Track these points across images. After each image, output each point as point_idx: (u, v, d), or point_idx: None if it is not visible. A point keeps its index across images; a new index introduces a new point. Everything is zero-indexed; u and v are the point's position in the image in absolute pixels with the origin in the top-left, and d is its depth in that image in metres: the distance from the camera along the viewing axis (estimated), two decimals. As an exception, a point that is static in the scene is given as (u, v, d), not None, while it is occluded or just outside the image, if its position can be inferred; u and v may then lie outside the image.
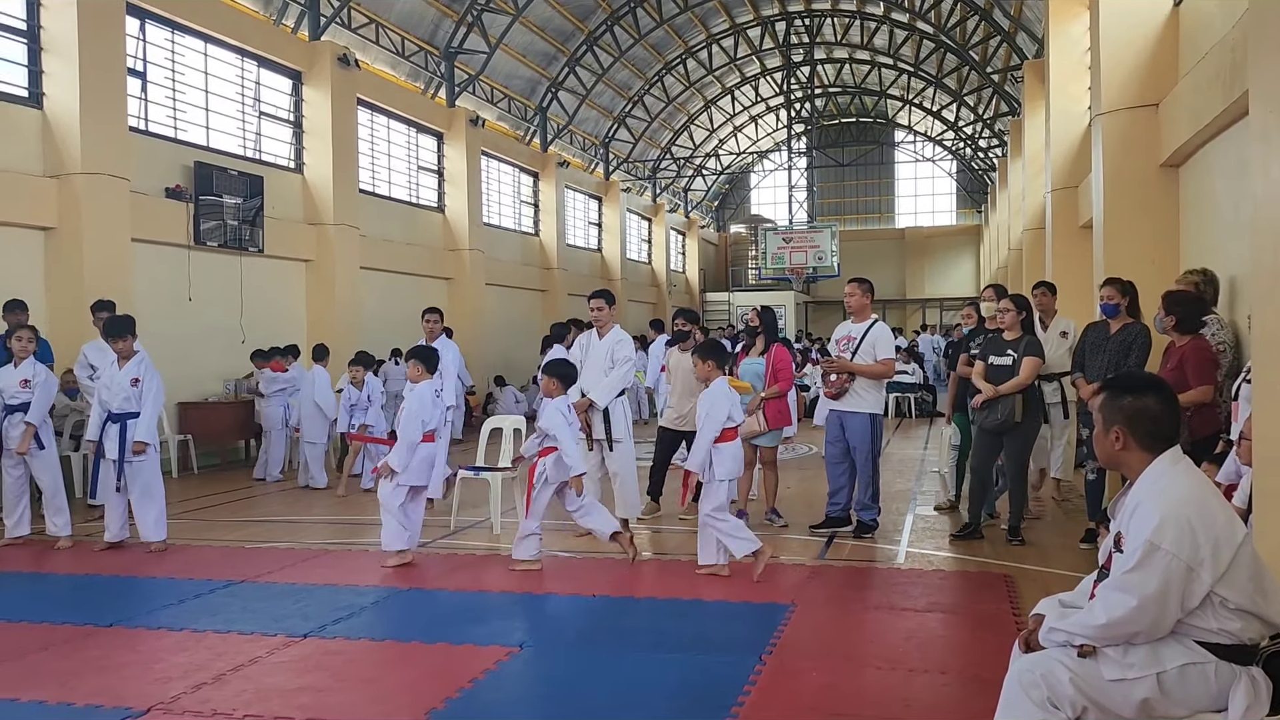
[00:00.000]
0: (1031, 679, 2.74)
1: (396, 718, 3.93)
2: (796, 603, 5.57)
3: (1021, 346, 6.93)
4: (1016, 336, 7.00)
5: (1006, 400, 6.82)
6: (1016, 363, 6.88)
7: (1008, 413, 6.82)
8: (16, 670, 4.64)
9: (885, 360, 7.32)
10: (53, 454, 7.78)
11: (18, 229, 10.41)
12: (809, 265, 28.94)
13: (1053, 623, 2.82)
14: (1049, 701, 2.71)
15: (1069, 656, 2.75)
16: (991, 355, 7.07)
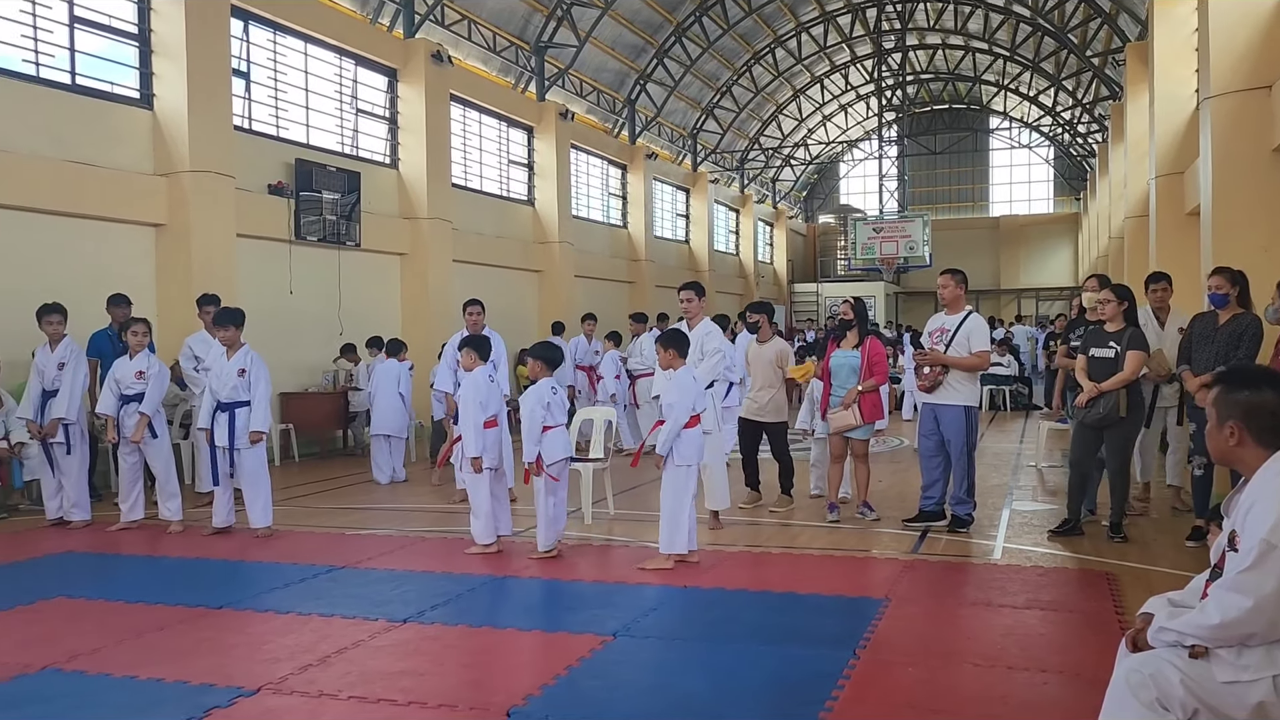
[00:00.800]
0: (1140, 679, 2.68)
1: (494, 703, 4.00)
2: (890, 597, 5.52)
3: (1125, 339, 6.72)
4: (1119, 328, 6.80)
5: (1110, 395, 6.64)
6: (1120, 355, 6.68)
7: (1110, 407, 6.63)
8: (135, 649, 4.85)
9: (980, 353, 7.20)
10: (165, 442, 8.11)
11: (131, 225, 10.85)
12: (900, 255, 28.50)
13: (1163, 622, 2.75)
14: (1158, 702, 2.65)
15: (1179, 657, 2.68)
16: (1093, 348, 6.88)
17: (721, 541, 7.22)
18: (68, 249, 10.12)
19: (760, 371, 8.23)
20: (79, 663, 4.63)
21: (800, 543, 7.11)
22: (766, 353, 8.24)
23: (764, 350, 8.25)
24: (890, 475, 9.73)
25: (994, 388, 17.83)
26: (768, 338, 8.35)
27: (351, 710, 4.02)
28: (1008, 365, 17.93)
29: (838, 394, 7.79)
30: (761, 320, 8.45)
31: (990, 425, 15.26)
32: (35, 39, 9.98)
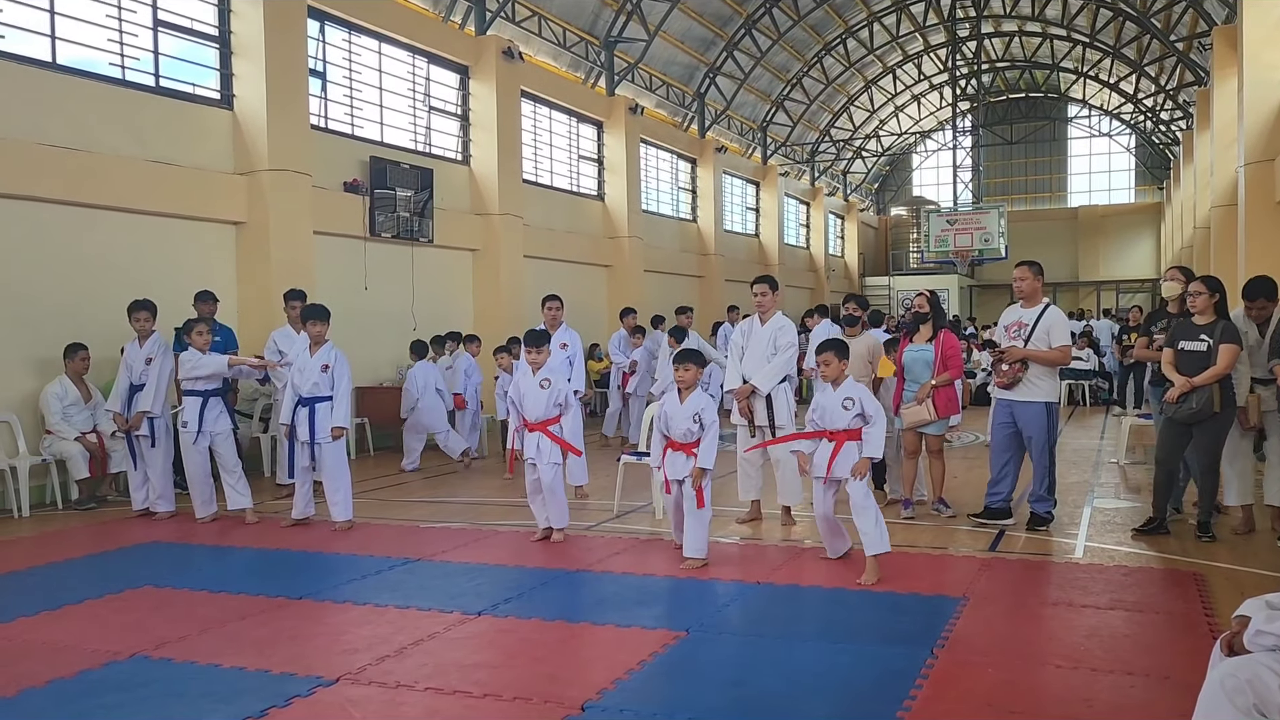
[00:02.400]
0: (1236, 684, 2.58)
1: (568, 696, 4.01)
2: (968, 596, 5.41)
3: (1217, 332, 6.49)
4: (1210, 321, 6.57)
5: (1203, 390, 6.41)
6: (1212, 350, 6.46)
7: (1204, 402, 6.40)
8: (218, 638, 4.97)
9: (1062, 347, 7.02)
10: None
11: (212, 224, 11.11)
12: (974, 248, 27.95)
13: (1261, 625, 2.64)
14: (1255, 709, 2.55)
15: (1279, 662, 2.58)
16: (1182, 341, 6.66)
17: (795, 537, 7.17)
18: (153, 247, 10.39)
19: (851, 365, 8.08)
20: (166, 650, 4.75)
21: (874, 539, 7.00)
22: (857, 346, 8.12)
23: (855, 344, 8.14)
24: (965, 471, 9.56)
25: (1073, 382, 17.43)
26: (859, 331, 8.24)
27: (428, 701, 4.06)
28: (1087, 359, 17.50)
29: (911, 389, 7.68)
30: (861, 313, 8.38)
31: (1069, 421, 14.92)
32: (121, 43, 10.27)
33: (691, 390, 6.33)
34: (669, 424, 6.38)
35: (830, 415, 6.00)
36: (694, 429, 6.25)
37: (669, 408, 6.41)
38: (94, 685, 4.30)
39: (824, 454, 6.03)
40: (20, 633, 5.10)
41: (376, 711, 3.95)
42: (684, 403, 6.32)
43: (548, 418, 7.05)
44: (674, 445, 6.36)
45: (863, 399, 5.97)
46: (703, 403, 6.33)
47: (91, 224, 9.81)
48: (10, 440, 8.91)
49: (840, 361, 6.09)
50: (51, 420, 8.95)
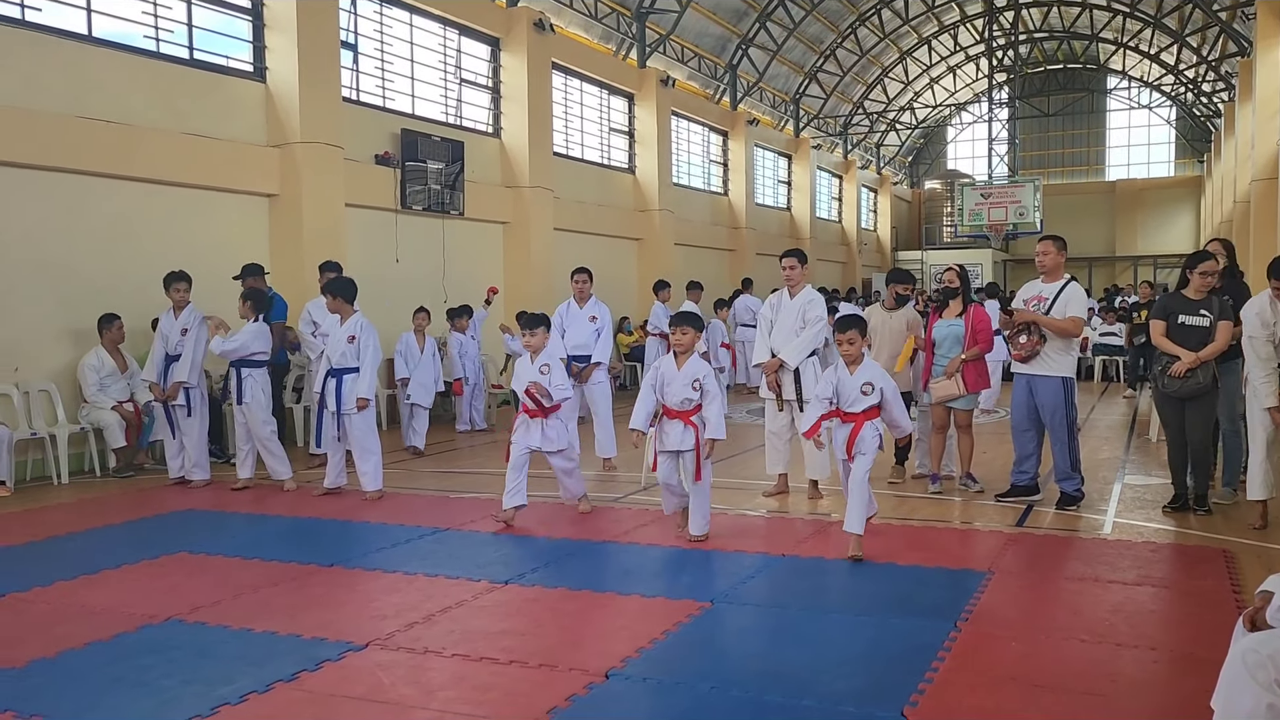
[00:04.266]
0: (1258, 659, 2.58)
1: (593, 664, 4.06)
2: (993, 570, 5.41)
3: (1215, 306, 6.44)
4: (1203, 296, 6.52)
5: (1206, 365, 6.37)
6: (1214, 325, 6.41)
7: (1208, 378, 6.36)
8: (251, 603, 5.07)
9: (1075, 318, 6.93)
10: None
11: (246, 196, 11.20)
12: (1009, 222, 27.64)
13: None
14: (1276, 684, 2.55)
15: (1301, 638, 2.57)
16: (1181, 314, 6.58)
17: (821, 511, 7.18)
18: (187, 219, 10.50)
19: (889, 340, 8.07)
20: (200, 614, 4.85)
21: (902, 513, 7.01)
22: (895, 321, 8.08)
23: (893, 319, 8.10)
24: (995, 447, 9.51)
25: (1106, 359, 17.26)
26: (898, 306, 8.19)
27: (455, 667, 4.13)
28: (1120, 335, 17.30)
29: (940, 364, 7.64)
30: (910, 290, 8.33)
31: (1102, 397, 14.78)
32: (155, 15, 10.34)
33: (689, 355, 6.13)
34: (664, 389, 6.13)
35: (849, 398, 5.85)
36: (692, 396, 6.03)
37: (665, 372, 6.15)
38: (130, 648, 4.41)
39: (843, 436, 5.89)
40: (59, 596, 5.23)
41: (404, 676, 4.02)
42: (681, 368, 6.09)
43: (554, 404, 6.91)
44: (670, 413, 6.13)
45: (881, 383, 5.86)
46: (702, 369, 6.12)
47: (128, 196, 9.92)
48: (50, 409, 9.08)
49: (863, 339, 5.98)
50: (88, 390, 9.11)
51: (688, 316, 6.25)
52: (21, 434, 8.67)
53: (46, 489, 8.60)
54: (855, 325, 5.96)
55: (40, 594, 5.27)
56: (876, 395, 5.84)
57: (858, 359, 5.90)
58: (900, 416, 5.98)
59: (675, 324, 6.18)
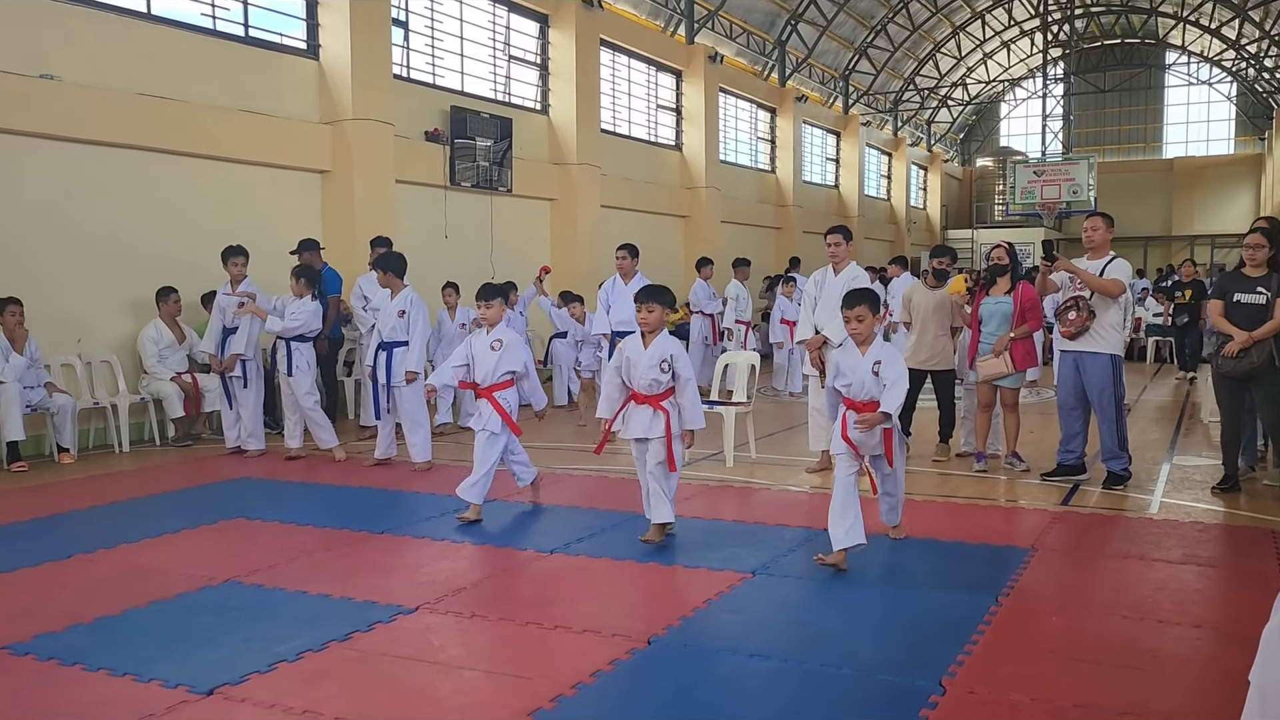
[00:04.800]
0: (1295, 632, 2.58)
1: (636, 630, 4.15)
2: (1036, 547, 5.42)
3: (1274, 284, 6.34)
4: (1264, 273, 6.42)
5: (1262, 344, 6.28)
6: (1271, 302, 6.31)
7: (1264, 357, 6.27)
8: (305, 567, 5.22)
9: (1117, 279, 6.84)
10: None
11: (299, 172, 11.38)
12: (1062, 200, 27.21)
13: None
14: (1314, 657, 2.55)
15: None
16: (1237, 293, 6.49)
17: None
18: (242, 195, 10.70)
19: (933, 319, 8.04)
20: (257, 577, 5.02)
21: (944, 491, 7.02)
22: (937, 298, 8.07)
23: (934, 296, 8.08)
24: (1041, 427, 9.45)
25: (1159, 339, 17.01)
26: (941, 284, 8.17)
27: (501, 631, 4.24)
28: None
29: (988, 342, 7.61)
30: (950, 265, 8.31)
31: (1153, 378, 14.59)
32: (212, -6, 10.53)
33: (656, 333, 5.47)
34: (630, 372, 5.51)
35: (861, 383, 5.10)
36: (661, 378, 5.42)
37: (631, 353, 5.52)
38: (190, 607, 4.58)
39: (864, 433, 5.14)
40: (122, 558, 5.42)
41: (453, 639, 4.14)
42: (648, 347, 5.46)
43: (496, 382, 6.41)
44: (638, 398, 5.54)
45: (889, 362, 5.08)
46: (671, 348, 5.46)
47: (186, 172, 10.13)
48: (111, 379, 9.35)
49: (874, 317, 5.15)
50: (148, 361, 9.36)
51: (655, 291, 5.53)
52: (84, 403, 8.95)
53: (108, 457, 8.87)
54: (865, 300, 5.14)
55: (104, 555, 5.47)
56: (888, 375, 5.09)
57: (869, 339, 5.14)
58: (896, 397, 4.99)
59: (641, 300, 5.45)
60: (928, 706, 3.38)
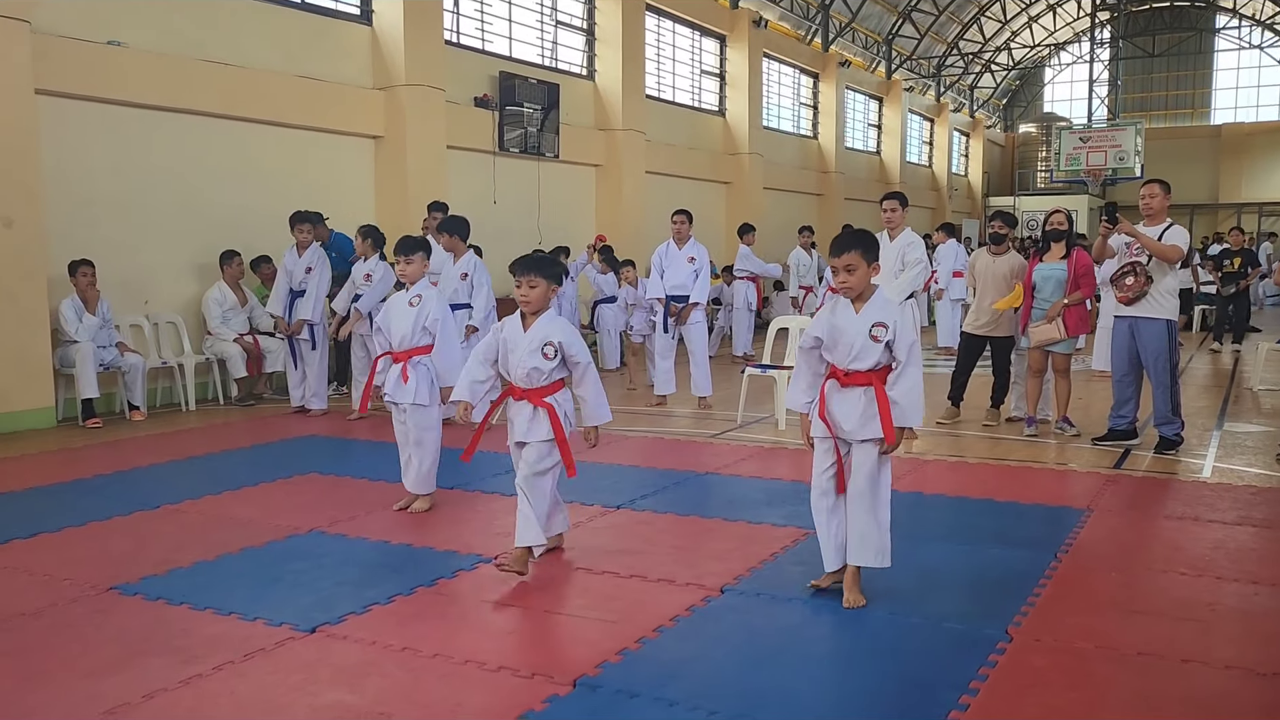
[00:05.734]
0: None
1: (707, 580, 4.33)
2: (1092, 508, 5.54)
3: None
4: None
5: None
6: None
7: None
8: (384, 519, 5.45)
9: (1175, 245, 6.86)
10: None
11: (353, 138, 11.57)
12: (1108, 167, 26.93)
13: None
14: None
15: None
16: None
17: (915, 451, 7.33)
18: (299, 159, 10.90)
19: (993, 285, 8.10)
20: (339, 527, 5.24)
21: (997, 454, 7.13)
22: (1001, 266, 8.11)
23: (998, 264, 8.13)
24: (1091, 393, 9.51)
25: (1207, 308, 16.88)
26: (1004, 251, 8.22)
27: (579, 579, 4.44)
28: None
29: (1041, 308, 7.67)
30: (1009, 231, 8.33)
31: (1202, 346, 14.53)
32: (269, -39, 10.68)
33: (541, 313, 4.39)
34: (506, 359, 4.42)
35: (851, 347, 3.99)
36: (543, 367, 4.32)
37: (508, 334, 4.43)
38: (281, 554, 4.81)
39: (848, 407, 4.03)
40: (208, 508, 5.68)
41: (533, 585, 4.34)
42: (528, 330, 4.37)
43: (416, 345, 5.65)
44: (515, 392, 4.51)
45: (899, 326, 3.99)
46: (557, 332, 4.33)
47: (245, 137, 10.34)
48: (177, 340, 9.63)
49: (869, 267, 3.99)
50: (212, 323, 9.63)
51: (535, 263, 4.40)
52: (153, 363, 9.23)
53: (175, 415, 9.16)
54: (856, 245, 3.97)
55: (191, 505, 5.73)
56: (890, 335, 3.97)
57: (866, 293, 4.02)
58: (912, 392, 3.98)
59: (519, 273, 4.35)
60: (996, 652, 3.54)
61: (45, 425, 8.38)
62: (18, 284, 8.18)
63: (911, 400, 3.99)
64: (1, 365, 8.04)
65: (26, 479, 6.49)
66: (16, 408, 8.18)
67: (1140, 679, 3.35)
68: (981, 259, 8.28)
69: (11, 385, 8.13)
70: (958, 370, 8.41)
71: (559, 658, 3.56)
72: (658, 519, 5.46)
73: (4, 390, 8.05)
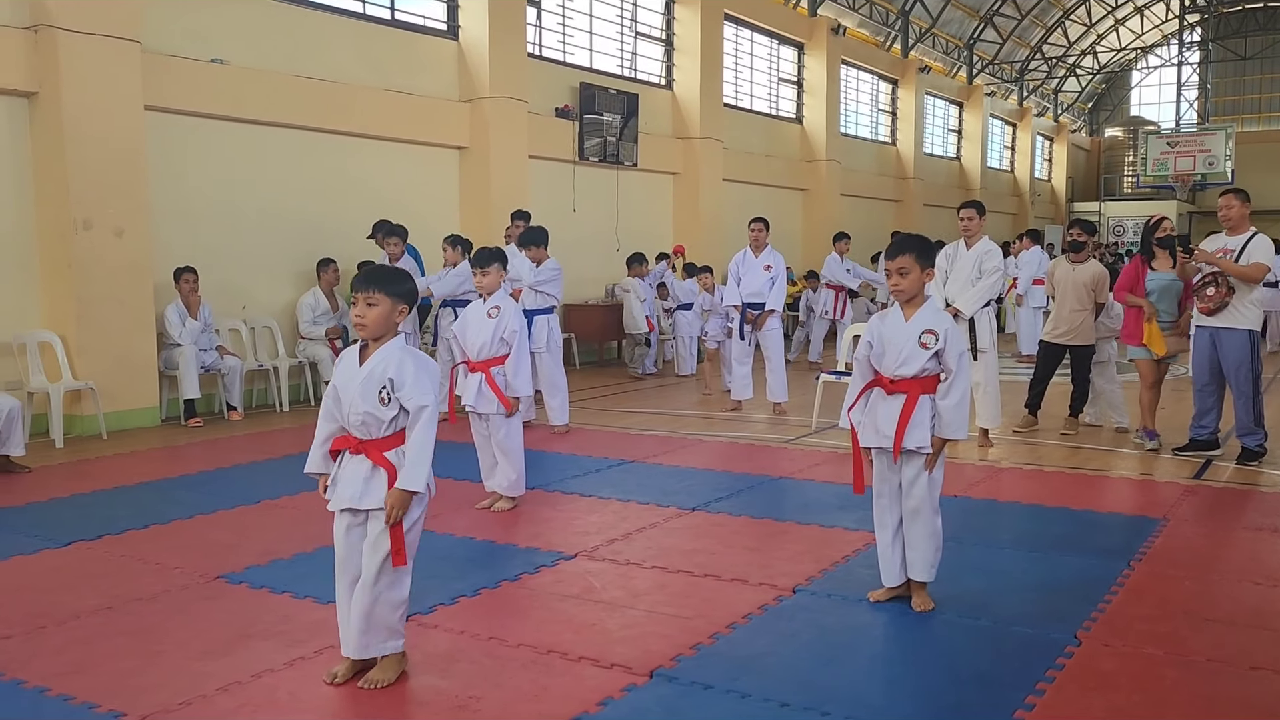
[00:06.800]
0: None
1: (780, 581, 4.47)
2: (1168, 518, 5.53)
3: None
4: None
5: None
6: None
7: None
8: (469, 517, 5.69)
9: (1259, 263, 6.79)
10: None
11: (439, 149, 11.94)
12: (1196, 172, 26.30)
13: None
14: None
15: None
16: None
17: (991, 458, 7.35)
18: (388, 171, 11.28)
19: (1073, 293, 8.07)
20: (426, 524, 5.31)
21: (1074, 463, 7.13)
22: (1081, 275, 8.08)
23: (1078, 272, 8.10)
24: (1173, 403, 9.38)
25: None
26: (1084, 259, 8.19)
27: (656, 576, 4.60)
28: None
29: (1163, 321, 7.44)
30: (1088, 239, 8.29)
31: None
32: (360, -21, 11.09)
33: (385, 339, 3.48)
34: (337, 402, 3.59)
35: (900, 353, 4.00)
36: (380, 414, 3.43)
37: (340, 369, 3.64)
38: (373, 548, 5.05)
39: (889, 414, 4.04)
40: (305, 503, 5.96)
41: (613, 581, 4.52)
42: (364, 363, 3.48)
43: (494, 356, 5.74)
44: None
45: (949, 335, 3.97)
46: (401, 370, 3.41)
47: (338, 149, 10.74)
48: (271, 343, 10.05)
49: (923, 272, 4.01)
50: (304, 326, 10.02)
51: (380, 275, 3.53)
52: (249, 365, 9.65)
53: (270, 415, 9.56)
54: (909, 249, 4.01)
55: (288, 501, 6.04)
56: (940, 343, 3.96)
57: (916, 297, 4.04)
58: (958, 406, 3.98)
59: (358, 288, 3.50)
60: (1064, 655, 3.61)
61: (150, 424, 8.84)
62: (127, 290, 8.64)
63: (959, 413, 3.99)
64: (111, 367, 8.51)
65: (137, 474, 6.89)
66: (124, 407, 8.64)
67: (1207, 684, 3.40)
68: (1061, 267, 8.25)
69: (120, 386, 8.59)
70: (1036, 378, 8.39)
71: (636, 650, 3.73)
72: (732, 521, 5.61)
73: (113, 390, 8.50)
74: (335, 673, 3.48)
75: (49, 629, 3.98)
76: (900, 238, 4.17)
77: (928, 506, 4.07)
